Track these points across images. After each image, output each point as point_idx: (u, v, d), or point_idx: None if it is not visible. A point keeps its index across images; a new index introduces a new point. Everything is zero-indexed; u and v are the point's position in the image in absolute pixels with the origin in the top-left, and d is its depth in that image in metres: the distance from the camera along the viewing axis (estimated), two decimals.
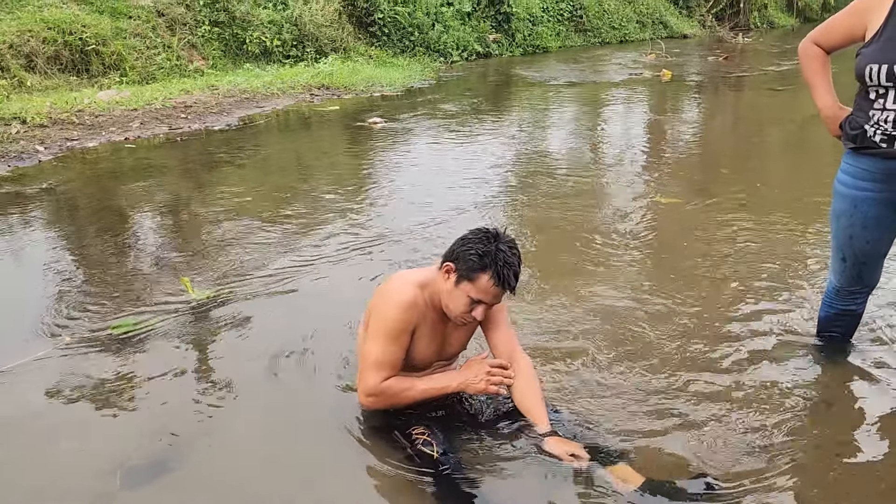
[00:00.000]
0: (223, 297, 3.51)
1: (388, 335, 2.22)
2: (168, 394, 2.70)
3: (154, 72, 10.03)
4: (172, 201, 5.28)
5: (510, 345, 2.35)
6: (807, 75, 2.55)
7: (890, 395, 2.65)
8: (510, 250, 2.15)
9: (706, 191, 5.60)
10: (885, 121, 2.30)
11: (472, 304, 2.17)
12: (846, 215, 2.52)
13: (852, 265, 2.61)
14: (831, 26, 2.48)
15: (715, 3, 24.71)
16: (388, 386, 2.22)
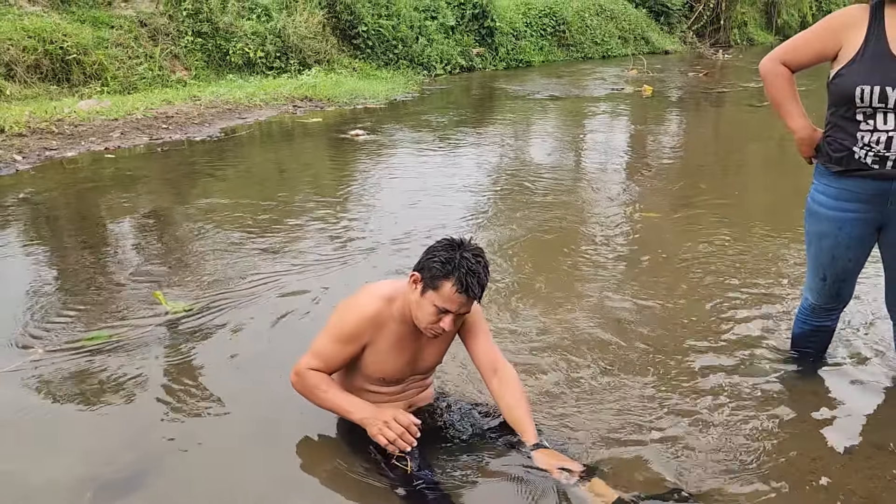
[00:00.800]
0: (200, 309, 3.48)
1: (336, 335, 2.25)
2: (142, 407, 2.66)
3: (136, 82, 9.98)
4: (152, 212, 5.24)
5: (491, 354, 2.33)
6: (775, 96, 2.50)
7: (862, 410, 2.67)
8: (474, 258, 2.12)
9: (686, 205, 5.65)
10: (876, 142, 2.29)
11: (438, 314, 2.14)
12: (830, 237, 2.50)
13: (832, 283, 2.61)
14: (800, 45, 2.45)
15: (696, 19, 25.05)
16: (310, 375, 2.25)
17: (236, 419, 2.60)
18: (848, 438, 2.49)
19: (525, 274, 4.02)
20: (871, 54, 2.27)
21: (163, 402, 2.70)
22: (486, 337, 2.36)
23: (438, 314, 2.13)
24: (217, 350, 3.10)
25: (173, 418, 2.59)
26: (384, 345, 2.26)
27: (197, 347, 3.12)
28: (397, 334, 2.26)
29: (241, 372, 2.90)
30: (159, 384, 2.82)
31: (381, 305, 2.24)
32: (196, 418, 2.60)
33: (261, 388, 2.77)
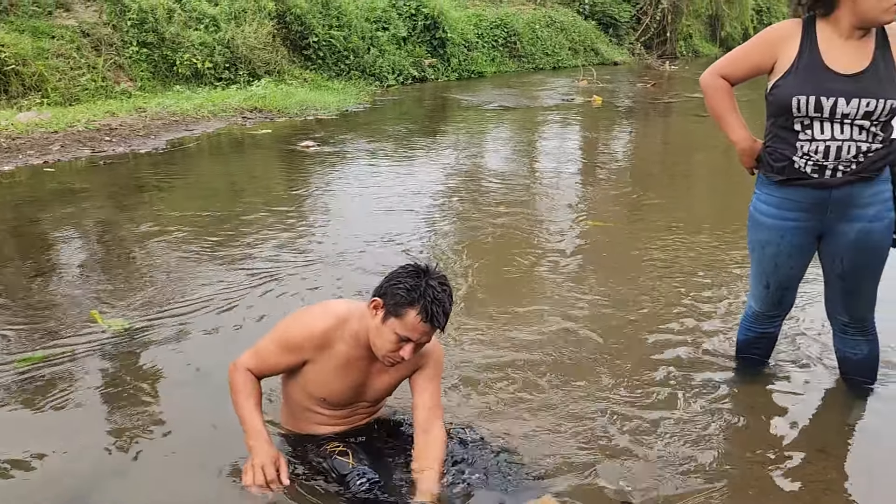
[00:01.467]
0: (140, 327, 3.37)
1: (278, 341, 2.21)
2: (78, 430, 2.55)
3: (78, 93, 9.69)
4: (93, 227, 5.08)
5: (431, 411, 2.20)
6: (716, 109, 2.54)
7: (804, 415, 2.73)
8: (440, 286, 2.05)
9: (635, 213, 5.73)
10: (815, 151, 2.33)
11: (399, 342, 2.05)
12: (772, 245, 2.54)
13: (775, 291, 2.65)
14: (738, 58, 2.50)
15: (643, 32, 25.59)
16: (240, 375, 2.23)
17: (176, 439, 2.51)
18: (791, 443, 2.53)
19: (477, 283, 4.00)
20: (804, 66, 2.33)
21: (99, 424, 2.59)
22: (434, 389, 2.24)
23: (399, 342, 2.05)
24: (155, 369, 3.00)
25: (111, 441, 2.49)
26: (328, 365, 2.18)
27: (134, 367, 3.01)
28: (345, 357, 2.17)
29: (180, 391, 2.81)
30: (95, 406, 2.71)
31: (332, 325, 2.16)
32: (134, 440, 2.50)
33: (201, 408, 2.68)
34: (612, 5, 24.80)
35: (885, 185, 2.41)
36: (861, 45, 2.31)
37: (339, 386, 2.23)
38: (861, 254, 2.47)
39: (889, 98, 2.26)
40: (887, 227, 2.45)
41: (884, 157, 2.36)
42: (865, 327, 2.65)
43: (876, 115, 2.27)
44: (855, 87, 2.27)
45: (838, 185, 2.36)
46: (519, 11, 21.59)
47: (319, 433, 2.32)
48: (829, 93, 2.28)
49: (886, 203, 2.43)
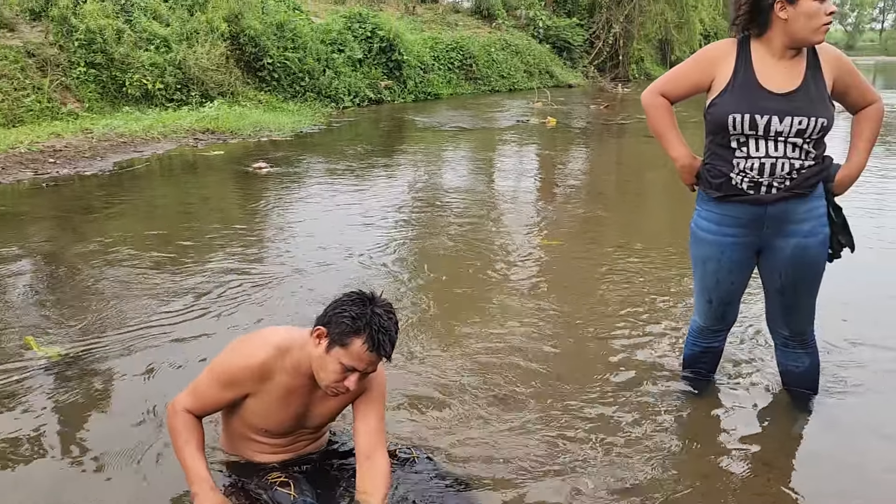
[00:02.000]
0: (79, 354, 3.24)
1: (217, 377, 2.11)
2: (6, 462, 2.42)
3: (22, 114, 9.45)
4: (34, 251, 4.90)
5: (373, 438, 2.12)
6: (657, 126, 2.58)
7: (749, 429, 2.74)
8: (386, 314, 1.98)
9: (587, 232, 5.78)
10: (750, 168, 2.37)
11: (344, 372, 1.97)
12: (713, 260, 2.57)
13: (717, 306, 2.68)
14: (677, 77, 2.54)
15: (596, 55, 26.16)
16: (179, 417, 2.12)
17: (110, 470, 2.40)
18: (737, 457, 2.54)
19: (429, 302, 3.96)
20: (740, 84, 2.37)
21: (30, 457, 2.47)
22: (377, 414, 2.16)
23: (344, 372, 1.97)
24: (91, 399, 2.88)
25: (42, 475, 2.37)
26: (269, 397, 2.10)
27: (68, 396, 2.88)
28: (286, 387, 2.10)
29: (119, 423, 2.69)
30: (26, 436, 2.58)
31: (271, 355, 2.08)
32: (66, 474, 2.38)
33: (136, 438, 2.58)
34: (565, 29, 25.32)
35: (819, 201, 2.47)
36: (793, 65, 2.37)
37: (281, 416, 2.15)
38: (798, 269, 2.51)
39: (820, 116, 2.32)
40: (822, 242, 2.50)
41: (816, 174, 2.41)
42: (805, 340, 2.70)
43: (808, 132, 2.33)
44: (788, 106, 2.32)
45: (773, 201, 2.40)
46: (475, 35, 21.88)
47: (261, 461, 2.24)
48: (763, 111, 2.32)
49: (821, 219, 2.47)
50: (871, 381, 3.09)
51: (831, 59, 2.40)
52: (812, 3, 2.25)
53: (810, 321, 2.66)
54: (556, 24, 25.12)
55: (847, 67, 2.43)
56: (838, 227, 2.52)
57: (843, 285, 3.75)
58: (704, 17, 29.84)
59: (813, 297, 2.60)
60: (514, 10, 26.09)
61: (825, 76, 2.37)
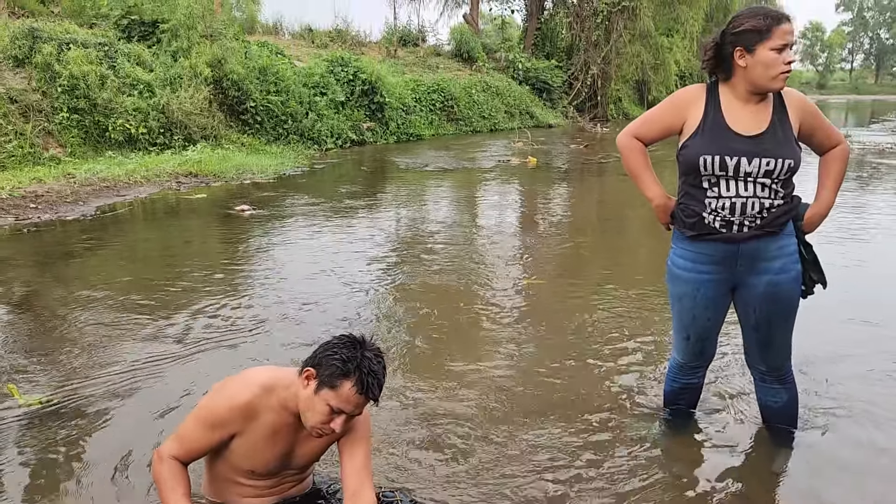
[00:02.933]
0: (60, 401, 3.21)
1: (203, 420, 2.11)
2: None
3: (3, 160, 9.46)
4: (15, 296, 4.87)
5: (360, 476, 2.12)
6: (632, 168, 2.66)
7: (729, 462, 2.77)
8: (375, 358, 2.02)
9: (569, 271, 5.84)
10: (722, 207, 2.44)
11: (331, 414, 2.00)
12: (689, 297, 2.63)
13: (695, 342, 2.73)
14: (650, 120, 2.62)
15: (575, 95, 26.69)
16: (166, 465, 2.11)
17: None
18: (716, 493, 2.56)
19: (413, 341, 3.98)
20: (710, 127, 2.46)
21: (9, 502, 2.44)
22: (363, 452, 2.16)
23: (331, 414, 2.00)
24: (73, 447, 2.85)
25: None
26: (255, 437, 2.11)
27: (50, 444, 2.85)
28: (272, 427, 2.11)
29: (101, 472, 2.66)
30: (7, 485, 2.55)
31: (257, 394, 2.09)
32: None
33: (120, 486, 2.55)
34: (544, 71, 25.86)
35: (789, 238, 2.54)
36: (759, 109, 2.46)
37: (267, 456, 2.15)
38: (771, 305, 2.56)
39: (786, 158, 2.41)
40: (794, 278, 2.55)
41: (786, 213, 2.48)
42: (782, 375, 2.74)
43: (776, 173, 2.41)
44: (756, 148, 2.39)
45: (745, 239, 2.47)
46: (456, 77, 22.27)
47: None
48: (732, 152, 2.40)
49: (792, 256, 2.53)
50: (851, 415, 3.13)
51: (796, 103, 2.50)
52: (769, 53, 2.34)
53: (786, 356, 2.70)
54: (535, 66, 25.66)
55: (811, 111, 2.52)
56: (809, 264, 2.59)
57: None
58: (679, 59, 30.65)
59: (787, 332, 2.65)
60: (494, 52, 26.67)
61: (791, 119, 2.46)
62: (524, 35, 28.23)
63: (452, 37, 26.25)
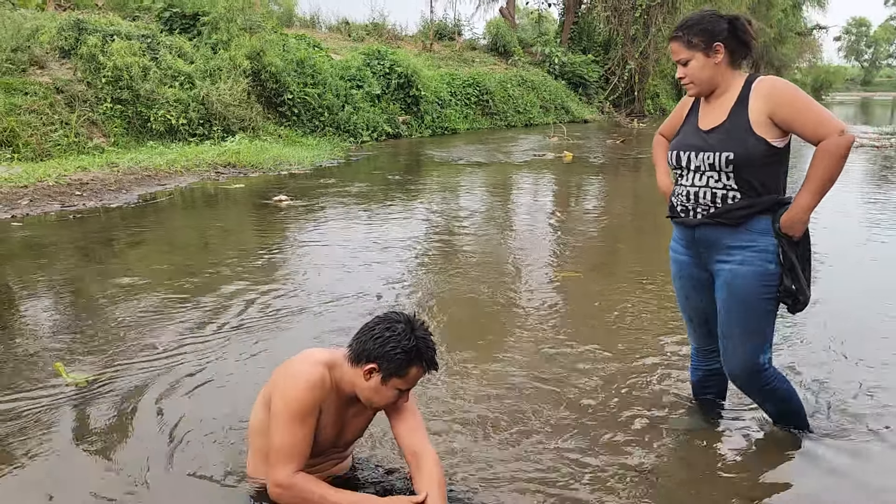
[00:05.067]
0: (104, 381, 3.30)
1: (294, 417, 2.07)
2: (39, 485, 2.47)
3: (50, 149, 9.70)
4: (61, 281, 5.00)
5: (417, 436, 2.19)
6: (654, 158, 2.98)
7: (744, 460, 2.72)
8: (427, 335, 2.14)
9: (606, 264, 5.81)
10: (683, 195, 2.62)
11: (399, 395, 2.17)
12: (677, 278, 2.80)
13: (698, 324, 2.83)
14: (669, 120, 2.87)
15: (612, 91, 26.40)
16: (297, 483, 2.06)
17: (142, 496, 2.43)
18: (727, 491, 2.52)
19: (448, 334, 4.00)
20: (685, 127, 2.66)
21: (61, 483, 2.51)
22: (413, 418, 2.23)
23: (399, 394, 2.16)
24: (119, 424, 2.93)
25: (73, 499, 2.41)
26: (326, 414, 2.18)
27: (99, 423, 2.93)
28: (334, 405, 2.20)
29: (147, 451, 2.73)
30: (58, 464, 2.63)
31: (325, 372, 2.15)
32: (93, 500, 2.42)
33: (171, 473, 2.61)
34: (581, 66, 25.63)
35: (758, 236, 2.46)
36: (722, 103, 2.52)
37: (324, 435, 2.20)
38: (728, 295, 2.55)
39: (725, 151, 2.45)
40: (757, 275, 2.47)
41: (745, 208, 2.46)
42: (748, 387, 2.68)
43: (717, 166, 2.48)
44: (703, 143, 2.53)
45: (696, 225, 2.59)
46: (491, 71, 22.20)
47: None
48: (685, 148, 2.59)
49: (761, 254, 2.46)
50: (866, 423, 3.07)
51: (763, 94, 2.42)
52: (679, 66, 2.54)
53: (742, 363, 2.59)
54: (571, 61, 25.45)
55: (782, 99, 2.39)
56: (786, 271, 2.47)
57: None
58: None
59: (742, 335, 2.55)
60: (530, 46, 26.52)
61: (751, 112, 2.43)
62: (561, 29, 27.99)
63: (488, 31, 26.16)
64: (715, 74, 2.48)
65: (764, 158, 2.42)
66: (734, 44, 2.47)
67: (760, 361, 2.59)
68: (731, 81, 2.50)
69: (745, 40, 2.47)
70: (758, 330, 2.55)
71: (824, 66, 56.77)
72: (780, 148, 2.43)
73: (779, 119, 2.39)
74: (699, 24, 2.45)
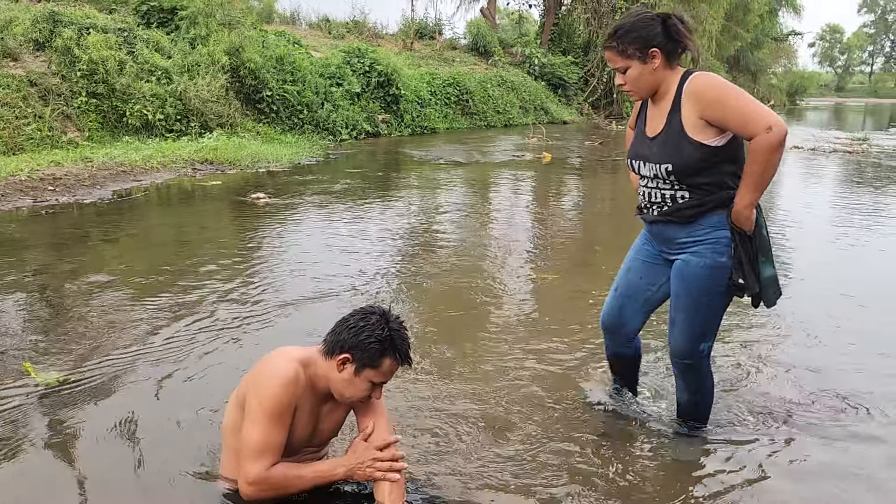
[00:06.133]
0: (75, 380, 3.25)
1: (269, 416, 2.06)
2: (8, 491, 2.42)
3: (23, 142, 9.53)
4: (32, 277, 4.92)
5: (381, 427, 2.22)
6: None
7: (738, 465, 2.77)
8: (401, 328, 2.15)
9: (582, 265, 5.84)
10: (641, 194, 2.73)
11: (372, 388, 2.16)
12: (635, 249, 2.90)
13: (618, 296, 2.91)
14: (632, 116, 2.87)
15: (591, 92, 26.57)
16: (271, 475, 2.05)
17: (113, 497, 2.40)
18: None
19: (425, 333, 3.99)
20: (637, 132, 2.72)
21: (27, 486, 2.46)
22: (381, 418, 2.25)
23: (372, 388, 2.15)
24: (89, 424, 2.88)
25: (40, 501, 2.37)
26: (300, 412, 2.16)
27: (67, 423, 2.88)
28: (309, 402, 2.18)
29: (117, 452, 2.69)
30: (23, 466, 2.58)
31: (299, 369, 2.13)
32: (62, 495, 2.38)
33: (141, 473, 2.57)
34: (561, 67, 25.76)
35: (715, 231, 2.52)
36: (661, 108, 2.54)
37: (299, 433, 2.19)
38: (678, 280, 2.64)
39: (664, 162, 2.51)
40: (707, 266, 2.54)
41: (696, 206, 2.53)
42: (682, 366, 2.73)
43: (660, 175, 2.55)
44: (647, 152, 2.60)
45: (651, 221, 2.71)
46: (471, 71, 22.24)
47: None
48: (636, 157, 2.68)
49: (713, 245, 2.52)
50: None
51: (692, 96, 2.42)
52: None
53: (685, 343, 2.66)
54: (551, 62, 25.56)
55: (709, 99, 2.39)
56: (735, 263, 2.51)
57: None
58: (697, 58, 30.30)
59: (690, 316, 2.62)
60: (511, 47, 26.58)
61: (684, 116, 2.45)
62: (541, 30, 28.10)
63: (469, 30, 26.20)
64: (654, 79, 2.49)
65: (703, 162, 2.44)
66: (669, 45, 2.46)
67: (700, 349, 2.66)
68: (670, 82, 2.48)
69: (679, 40, 2.46)
70: (702, 319, 2.62)
71: (799, 71, 57.70)
72: (722, 146, 2.42)
73: (710, 119, 2.39)
74: (632, 31, 2.44)
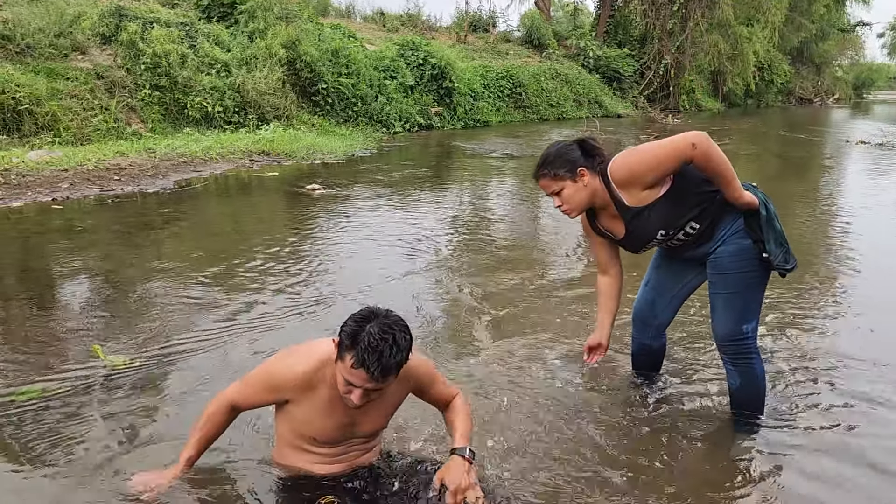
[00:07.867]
0: (139, 363, 3.37)
1: (262, 380, 2.20)
2: (75, 465, 2.54)
3: (90, 133, 9.89)
4: (98, 264, 5.12)
5: (444, 395, 2.35)
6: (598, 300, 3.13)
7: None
8: (380, 333, 1.93)
9: (632, 260, 5.74)
10: (665, 249, 2.87)
11: (347, 386, 2.00)
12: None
13: (649, 290, 3.10)
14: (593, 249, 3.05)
15: (647, 86, 26.10)
16: (214, 407, 2.29)
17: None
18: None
19: (475, 325, 4.00)
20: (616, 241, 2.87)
21: (94, 462, 2.57)
22: (438, 387, 2.33)
23: (347, 386, 2.00)
24: (152, 408, 2.99)
25: (104, 481, 2.47)
26: (312, 407, 2.16)
27: (133, 404, 3.00)
28: (328, 398, 2.14)
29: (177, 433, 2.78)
30: (94, 441, 2.69)
31: (314, 367, 2.13)
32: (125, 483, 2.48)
33: None
34: (616, 60, 25.37)
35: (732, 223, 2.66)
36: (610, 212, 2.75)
37: (325, 426, 2.20)
38: (713, 272, 2.75)
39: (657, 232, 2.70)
40: (736, 251, 2.66)
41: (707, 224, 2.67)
42: (729, 351, 2.77)
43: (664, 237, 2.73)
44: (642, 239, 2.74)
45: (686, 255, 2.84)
46: (525, 64, 22.08)
47: (314, 473, 2.28)
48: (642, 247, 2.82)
49: (736, 234, 2.66)
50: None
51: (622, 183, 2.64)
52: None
53: (729, 326, 2.72)
54: (606, 55, 25.20)
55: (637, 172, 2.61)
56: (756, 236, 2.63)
57: None
58: (758, 49, 29.50)
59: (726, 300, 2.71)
60: (565, 39, 26.30)
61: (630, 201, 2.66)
62: (596, 22, 27.71)
63: (523, 23, 25.99)
64: (587, 193, 2.68)
65: (676, 206, 2.61)
66: (589, 161, 2.68)
67: (744, 329, 2.71)
68: (598, 188, 2.68)
69: (595, 154, 2.69)
70: (740, 301, 2.70)
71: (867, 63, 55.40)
72: (672, 186, 2.60)
73: (650, 183, 2.60)
74: (558, 157, 2.67)
